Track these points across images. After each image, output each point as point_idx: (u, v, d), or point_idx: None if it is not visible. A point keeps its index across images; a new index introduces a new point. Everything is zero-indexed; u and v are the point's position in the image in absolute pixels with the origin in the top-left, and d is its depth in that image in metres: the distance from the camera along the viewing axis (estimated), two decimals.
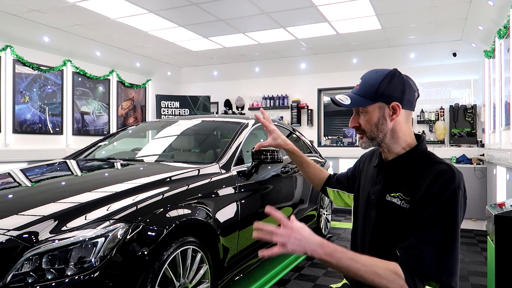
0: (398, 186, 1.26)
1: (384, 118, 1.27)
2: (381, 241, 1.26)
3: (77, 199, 1.94)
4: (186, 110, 8.01)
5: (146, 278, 1.78)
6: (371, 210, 1.32)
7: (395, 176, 1.29)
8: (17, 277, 1.54)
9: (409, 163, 1.28)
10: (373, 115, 1.28)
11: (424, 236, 1.12)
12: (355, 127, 1.34)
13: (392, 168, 1.31)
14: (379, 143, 1.31)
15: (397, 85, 1.26)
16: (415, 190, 1.20)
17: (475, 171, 5.82)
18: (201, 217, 2.18)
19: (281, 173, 3.29)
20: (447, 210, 1.13)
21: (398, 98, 1.26)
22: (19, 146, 5.59)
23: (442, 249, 1.10)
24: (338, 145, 7.52)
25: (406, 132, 1.30)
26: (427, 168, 1.22)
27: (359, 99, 1.28)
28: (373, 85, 1.26)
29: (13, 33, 5.43)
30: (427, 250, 1.10)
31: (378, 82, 1.26)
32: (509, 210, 2.15)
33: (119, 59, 7.17)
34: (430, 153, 1.30)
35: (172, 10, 5.12)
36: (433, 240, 1.11)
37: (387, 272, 1.08)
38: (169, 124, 3.69)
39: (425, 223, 1.14)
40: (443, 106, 6.72)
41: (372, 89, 1.26)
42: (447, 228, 1.12)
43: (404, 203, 1.21)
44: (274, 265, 3.39)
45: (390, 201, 1.25)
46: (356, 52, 7.15)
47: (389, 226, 1.24)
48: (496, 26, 4.71)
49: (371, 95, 1.26)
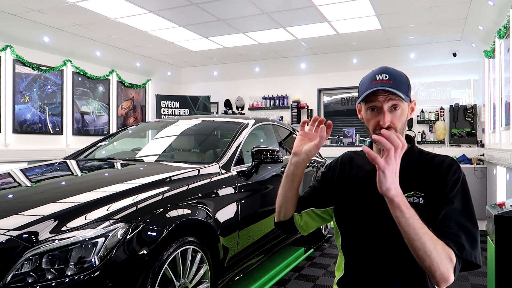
0: (410, 185, 1.26)
1: (406, 116, 1.28)
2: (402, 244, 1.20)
3: (77, 199, 1.94)
4: (186, 110, 8.01)
5: (146, 278, 1.78)
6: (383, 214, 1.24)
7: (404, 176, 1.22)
8: (17, 277, 1.54)
9: (414, 161, 1.30)
10: (405, 112, 1.26)
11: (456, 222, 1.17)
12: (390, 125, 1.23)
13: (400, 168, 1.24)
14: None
15: (408, 82, 1.29)
16: (428, 184, 1.24)
17: (475, 171, 5.82)
18: (201, 217, 2.18)
19: (281, 173, 3.29)
20: (466, 197, 1.21)
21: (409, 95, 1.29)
22: (19, 146, 5.59)
23: (472, 234, 1.17)
24: (338, 145, 7.52)
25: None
26: (433, 162, 1.28)
27: (403, 94, 1.21)
28: (406, 83, 1.26)
29: (13, 33, 5.43)
30: (464, 235, 1.16)
31: (407, 80, 1.27)
32: (509, 210, 2.15)
33: (119, 59, 7.17)
34: (422, 149, 1.36)
35: (172, 10, 5.12)
36: (465, 226, 1.17)
37: (444, 252, 1.10)
38: (169, 124, 3.69)
39: (453, 209, 1.18)
40: (443, 106, 6.72)
41: (407, 86, 1.25)
42: (472, 214, 1.20)
43: (421, 200, 1.24)
44: (274, 265, 3.39)
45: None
46: (356, 52, 7.15)
47: None
48: (496, 26, 4.71)
49: (408, 92, 1.25)
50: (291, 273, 3.46)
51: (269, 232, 3.05)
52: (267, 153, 2.75)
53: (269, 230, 3.06)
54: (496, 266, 2.15)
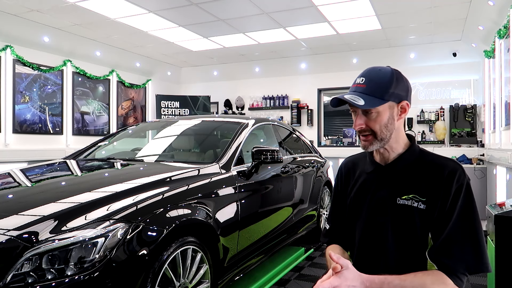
0: (409, 187, 1.25)
1: (392, 118, 1.25)
2: (405, 245, 1.24)
3: (77, 199, 1.94)
4: (186, 110, 8.01)
5: (146, 278, 1.78)
6: (380, 217, 1.28)
7: (402, 177, 1.27)
8: (17, 277, 1.53)
9: (412, 162, 1.28)
10: (383, 115, 1.23)
11: (461, 236, 1.16)
12: (361, 128, 1.25)
13: (396, 169, 1.29)
14: (386, 143, 1.27)
15: (404, 84, 1.27)
16: (430, 190, 1.22)
17: (475, 171, 5.82)
18: (201, 217, 2.18)
19: (281, 173, 3.29)
20: (470, 204, 1.19)
21: (405, 96, 1.26)
22: (19, 146, 5.59)
23: (478, 243, 1.16)
24: (338, 145, 7.52)
25: (403, 130, 1.32)
26: (435, 166, 1.24)
27: (371, 99, 1.21)
28: (385, 84, 1.23)
29: (13, 33, 5.43)
30: (468, 250, 1.15)
31: (389, 81, 1.23)
32: (509, 210, 2.15)
33: (119, 59, 7.17)
34: (424, 149, 1.33)
35: (172, 10, 5.12)
36: (470, 238, 1.16)
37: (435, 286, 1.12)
38: (169, 124, 3.69)
39: (455, 223, 1.17)
40: (443, 106, 6.72)
41: (383, 88, 1.22)
42: (476, 222, 1.18)
43: (420, 204, 1.22)
44: (274, 265, 3.39)
45: (404, 204, 1.24)
46: (356, 52, 7.15)
47: (409, 230, 1.23)
48: (496, 26, 4.71)
49: (384, 95, 1.22)
50: (291, 273, 3.46)
51: (269, 232, 3.05)
52: (267, 153, 2.75)
53: (269, 230, 3.06)
54: (496, 266, 2.15)
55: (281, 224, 3.27)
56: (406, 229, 1.23)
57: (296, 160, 3.85)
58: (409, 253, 1.23)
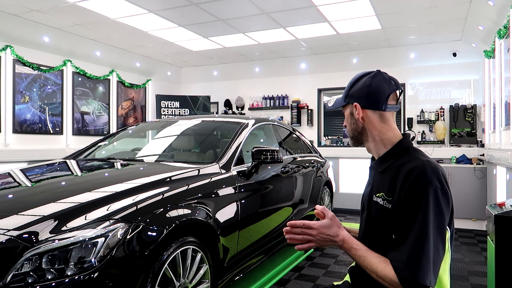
0: (381, 186, 1.29)
1: (353, 118, 1.37)
2: (371, 241, 1.29)
3: (77, 199, 1.94)
4: (186, 110, 8.01)
5: (146, 278, 1.78)
6: (364, 212, 1.39)
7: (379, 176, 1.33)
8: (17, 277, 1.54)
9: (391, 161, 1.30)
10: (347, 115, 1.40)
11: (401, 239, 1.16)
12: (344, 127, 1.44)
13: (376, 168, 1.36)
14: (356, 141, 1.40)
15: (363, 86, 1.34)
16: (393, 190, 1.23)
17: (475, 171, 5.82)
18: (201, 217, 2.18)
19: (281, 173, 3.29)
20: (417, 209, 1.14)
21: (358, 98, 1.34)
22: (19, 146, 5.59)
23: (415, 250, 1.12)
24: (338, 145, 7.52)
25: (384, 130, 1.32)
26: (404, 166, 1.23)
27: (338, 100, 1.42)
28: (348, 87, 1.39)
29: (13, 33, 5.43)
30: (403, 254, 1.13)
31: (350, 84, 1.39)
32: (509, 210, 2.15)
33: (119, 59, 7.17)
34: (414, 150, 1.30)
35: (172, 10, 5.12)
36: (407, 243, 1.14)
37: (384, 275, 1.17)
38: (169, 124, 3.69)
39: (401, 226, 1.17)
40: (443, 106, 6.72)
41: (346, 90, 1.39)
42: (419, 228, 1.13)
43: (386, 203, 1.24)
44: (274, 265, 3.39)
45: (376, 201, 1.29)
46: (356, 52, 7.15)
47: (375, 227, 1.29)
48: (496, 26, 4.71)
49: (345, 97, 1.39)
50: (291, 273, 3.46)
51: (269, 232, 3.06)
52: (267, 153, 2.75)
53: (269, 230, 3.06)
54: (496, 266, 2.15)
55: (281, 224, 3.27)
56: (376, 226, 1.29)
57: (296, 160, 3.85)
58: (378, 249, 1.24)
